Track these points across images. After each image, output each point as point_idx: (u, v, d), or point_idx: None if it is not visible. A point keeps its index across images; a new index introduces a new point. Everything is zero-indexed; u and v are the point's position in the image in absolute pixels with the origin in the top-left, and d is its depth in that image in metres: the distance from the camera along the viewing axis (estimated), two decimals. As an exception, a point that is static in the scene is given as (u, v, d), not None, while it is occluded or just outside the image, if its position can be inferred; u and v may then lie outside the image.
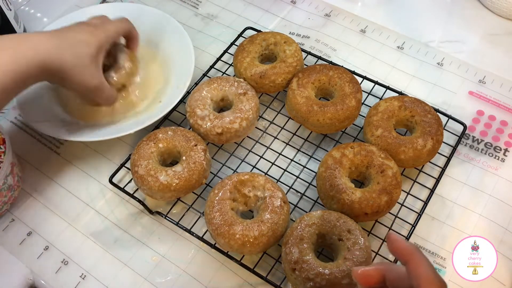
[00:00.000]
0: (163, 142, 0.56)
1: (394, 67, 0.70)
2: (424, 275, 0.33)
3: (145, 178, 0.53)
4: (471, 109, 0.65)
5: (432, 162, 0.58)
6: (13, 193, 0.57)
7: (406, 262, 0.35)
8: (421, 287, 0.33)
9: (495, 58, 0.70)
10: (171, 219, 0.55)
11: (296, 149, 0.62)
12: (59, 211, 0.59)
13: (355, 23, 0.75)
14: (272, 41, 0.64)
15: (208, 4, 0.79)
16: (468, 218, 0.56)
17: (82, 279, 0.54)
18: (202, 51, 0.73)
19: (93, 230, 0.57)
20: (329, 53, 0.72)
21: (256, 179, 0.53)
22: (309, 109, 0.57)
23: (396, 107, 0.57)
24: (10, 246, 0.56)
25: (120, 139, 0.63)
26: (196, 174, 0.54)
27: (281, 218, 0.50)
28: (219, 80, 0.61)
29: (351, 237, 0.48)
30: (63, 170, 0.62)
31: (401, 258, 0.35)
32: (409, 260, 0.34)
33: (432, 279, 0.33)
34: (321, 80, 0.60)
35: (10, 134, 0.63)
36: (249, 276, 0.52)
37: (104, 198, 0.60)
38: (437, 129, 0.56)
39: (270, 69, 0.61)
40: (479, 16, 0.75)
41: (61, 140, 0.64)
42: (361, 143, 0.55)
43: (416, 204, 0.56)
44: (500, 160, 0.61)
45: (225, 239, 0.49)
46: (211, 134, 0.57)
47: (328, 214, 0.50)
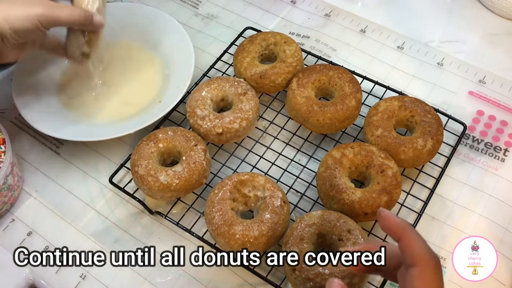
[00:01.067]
0: (163, 142, 0.56)
1: (394, 67, 0.70)
2: (418, 252, 0.32)
3: (145, 178, 0.53)
4: (471, 109, 0.65)
5: (432, 162, 0.58)
6: (13, 193, 0.57)
7: (399, 239, 0.34)
8: (416, 265, 0.32)
9: (495, 58, 0.70)
10: (171, 219, 0.55)
11: (296, 149, 0.62)
12: (59, 211, 0.59)
13: (355, 23, 0.75)
14: (272, 41, 0.64)
15: (208, 4, 0.79)
16: (468, 218, 0.56)
17: (82, 279, 0.54)
18: (202, 51, 0.73)
19: (93, 230, 0.57)
20: (329, 53, 0.72)
21: (256, 179, 0.53)
22: (309, 109, 0.57)
23: (396, 107, 0.57)
24: (10, 246, 0.56)
25: (120, 139, 0.63)
26: (196, 174, 0.54)
27: (281, 218, 0.50)
28: (219, 80, 0.61)
29: (351, 237, 0.48)
30: (63, 170, 0.62)
31: (393, 235, 0.34)
32: (402, 237, 0.34)
33: (427, 256, 0.32)
34: (321, 80, 0.60)
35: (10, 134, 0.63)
36: (249, 276, 0.52)
37: (104, 198, 0.60)
38: (437, 129, 0.56)
39: (270, 69, 0.61)
40: (479, 16, 0.75)
41: (61, 140, 0.64)
42: (361, 143, 0.55)
43: (416, 204, 0.56)
44: (500, 160, 0.61)
45: (225, 239, 0.49)
46: (211, 134, 0.57)
47: (328, 214, 0.50)
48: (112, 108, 0.64)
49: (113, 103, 0.65)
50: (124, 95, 0.66)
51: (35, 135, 0.65)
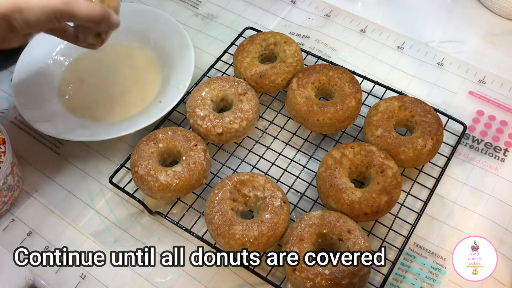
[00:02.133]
0: (163, 142, 0.56)
1: (394, 67, 0.70)
2: None
3: (145, 178, 0.53)
4: (471, 109, 0.65)
5: (432, 162, 0.59)
6: (13, 193, 0.57)
7: None
8: None
9: (495, 58, 0.70)
10: (171, 219, 0.55)
11: (296, 149, 0.62)
12: (59, 211, 0.59)
13: (355, 23, 0.75)
14: (272, 41, 0.64)
15: (208, 4, 0.79)
16: (468, 218, 0.56)
17: (82, 279, 0.54)
18: (202, 51, 0.73)
19: (93, 230, 0.57)
20: (329, 53, 0.72)
21: (256, 179, 0.53)
22: (309, 109, 0.57)
23: (396, 107, 0.57)
24: (10, 246, 0.56)
25: (120, 139, 0.63)
26: (196, 174, 0.54)
27: (281, 218, 0.50)
28: (219, 80, 0.61)
29: (351, 237, 0.48)
30: (63, 170, 0.62)
31: None
32: None
33: None
34: (321, 80, 0.60)
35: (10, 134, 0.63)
36: (249, 276, 0.52)
37: (104, 198, 0.60)
38: (437, 129, 0.56)
39: (270, 69, 0.61)
40: (479, 16, 0.75)
41: (61, 140, 0.64)
42: (361, 143, 0.55)
43: (416, 204, 0.56)
44: (500, 160, 0.61)
45: (225, 239, 0.49)
46: (211, 134, 0.57)
47: (328, 214, 0.50)
48: (112, 108, 0.64)
49: (113, 103, 0.65)
50: (124, 95, 0.66)
51: (35, 135, 0.65)
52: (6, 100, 0.68)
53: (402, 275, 0.53)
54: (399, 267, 0.53)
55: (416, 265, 0.54)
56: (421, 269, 0.53)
